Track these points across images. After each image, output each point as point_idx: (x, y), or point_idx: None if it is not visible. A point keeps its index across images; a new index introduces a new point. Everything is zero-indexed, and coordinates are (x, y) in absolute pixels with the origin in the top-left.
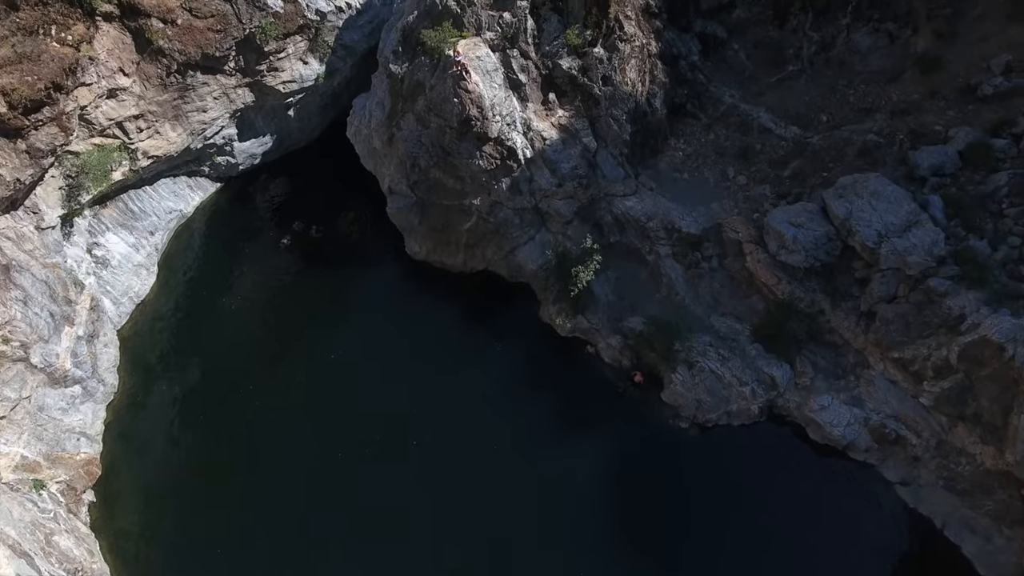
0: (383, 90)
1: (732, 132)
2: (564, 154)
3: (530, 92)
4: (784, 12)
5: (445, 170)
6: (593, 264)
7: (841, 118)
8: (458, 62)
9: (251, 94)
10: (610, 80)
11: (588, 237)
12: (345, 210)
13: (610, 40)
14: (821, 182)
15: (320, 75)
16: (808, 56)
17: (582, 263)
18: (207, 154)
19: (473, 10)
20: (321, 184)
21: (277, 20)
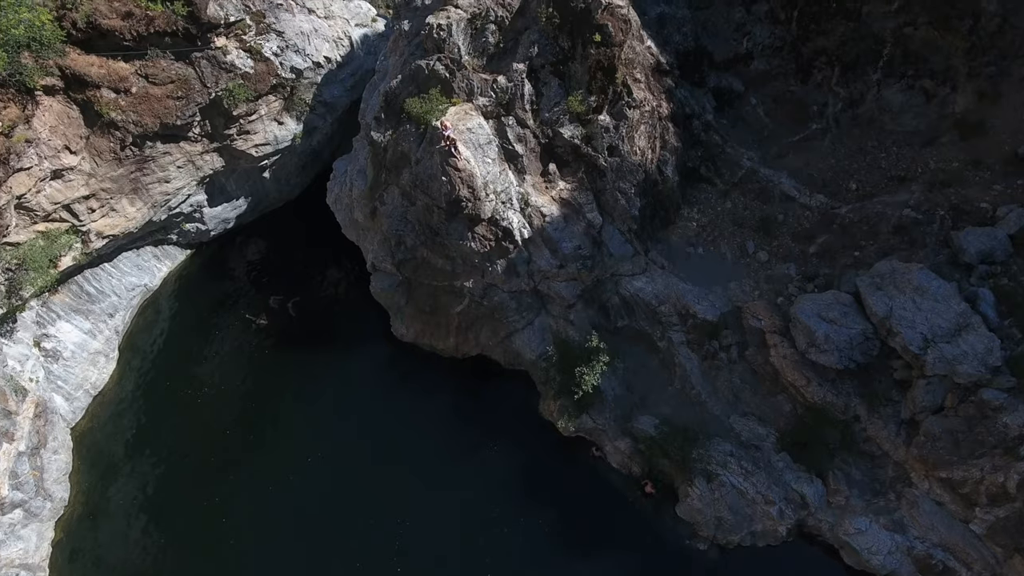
0: (365, 157)
1: (751, 200)
2: (566, 232)
3: (528, 163)
4: (807, 66)
5: (433, 249)
6: (599, 366)
7: (872, 186)
8: (446, 137)
9: (220, 159)
10: (617, 150)
11: (593, 335)
12: (326, 281)
13: (617, 107)
14: (852, 262)
15: (297, 135)
16: (834, 114)
17: (586, 363)
18: (174, 223)
19: (464, 74)
20: (301, 247)
21: (247, 81)
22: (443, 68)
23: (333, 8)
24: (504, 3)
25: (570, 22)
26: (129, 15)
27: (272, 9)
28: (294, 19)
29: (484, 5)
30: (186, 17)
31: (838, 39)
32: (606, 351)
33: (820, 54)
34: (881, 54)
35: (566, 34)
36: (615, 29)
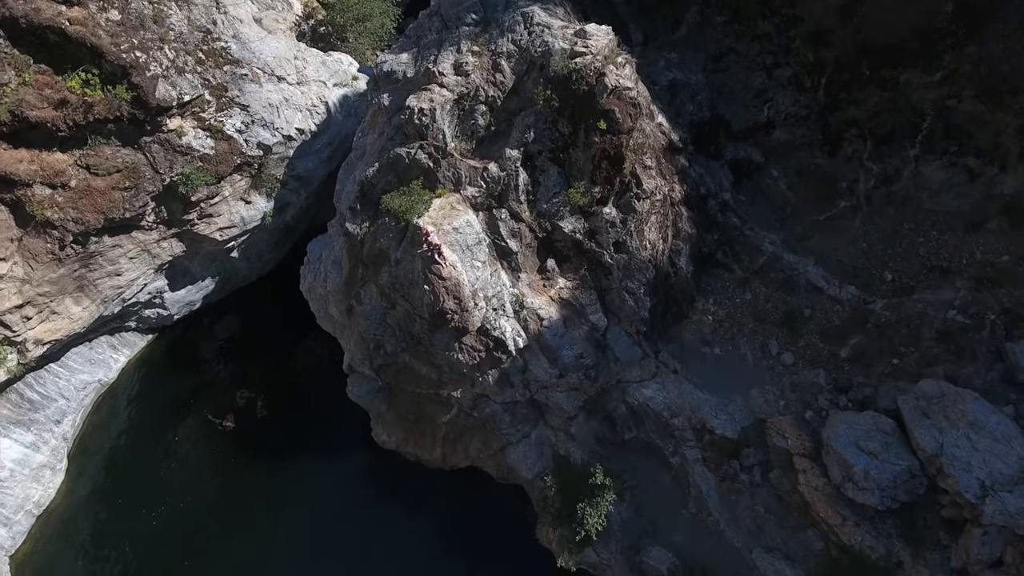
0: (340, 248)
1: (773, 290)
2: (566, 338)
3: (523, 260)
4: (836, 137)
5: (416, 356)
6: (604, 506)
7: (910, 277)
8: (429, 242)
9: (181, 244)
10: (624, 246)
11: (597, 469)
12: (300, 370)
13: (624, 199)
14: (891, 372)
15: (268, 213)
16: (865, 190)
17: (589, 499)
18: (130, 312)
19: (450, 161)
20: (275, 326)
21: (207, 163)
22: (426, 157)
23: (307, 72)
24: (496, 82)
25: (571, 105)
26: (63, 103)
27: (235, 81)
28: (261, 90)
29: (473, 84)
30: (131, 102)
31: (871, 110)
32: (612, 488)
33: (850, 125)
34: (920, 128)
35: (566, 118)
36: (623, 115)
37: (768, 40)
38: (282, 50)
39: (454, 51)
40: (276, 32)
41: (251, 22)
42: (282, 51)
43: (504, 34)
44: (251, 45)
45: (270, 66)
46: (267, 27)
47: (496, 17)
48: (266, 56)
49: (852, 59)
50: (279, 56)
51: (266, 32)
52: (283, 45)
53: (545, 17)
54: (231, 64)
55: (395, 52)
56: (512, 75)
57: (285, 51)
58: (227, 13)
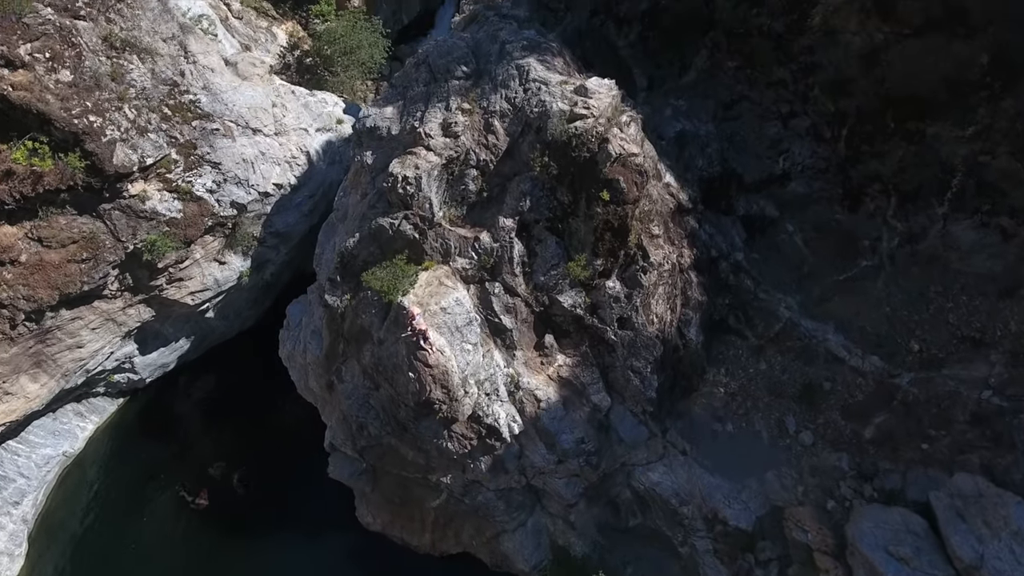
0: (320, 318)
1: (790, 360)
2: (566, 422)
3: (518, 337)
4: (857, 192)
5: (402, 440)
6: None
7: (939, 347)
8: (415, 327)
9: (149, 309)
10: (629, 322)
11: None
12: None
13: (629, 271)
14: (921, 458)
15: (244, 272)
16: (889, 249)
17: None
18: (97, 379)
19: (438, 232)
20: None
21: (174, 228)
22: (411, 228)
23: (286, 120)
24: (488, 144)
25: (571, 173)
26: (9, 174)
27: (206, 137)
28: (234, 145)
29: (463, 147)
30: (86, 170)
31: (896, 164)
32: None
33: (873, 180)
34: (949, 184)
35: (566, 186)
36: (628, 184)
37: (784, 88)
38: (258, 99)
39: (442, 108)
40: (252, 78)
41: (223, 70)
42: (258, 100)
43: (497, 90)
44: (223, 96)
45: (244, 118)
46: (242, 73)
47: (489, 69)
48: (240, 107)
49: (875, 110)
50: (255, 106)
51: (241, 79)
52: (259, 93)
53: (542, 71)
54: (201, 119)
55: (379, 105)
56: (506, 137)
57: (262, 99)
58: (196, 62)
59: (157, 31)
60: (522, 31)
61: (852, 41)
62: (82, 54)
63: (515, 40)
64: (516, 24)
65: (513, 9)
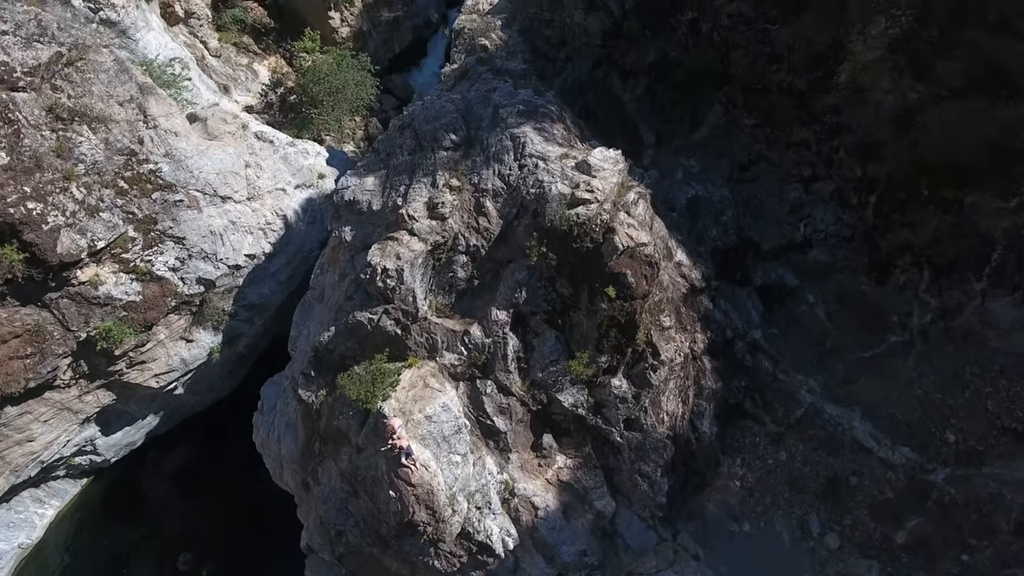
0: (294, 410)
1: (812, 449)
2: (566, 532)
3: (513, 438)
4: (886, 263)
5: (384, 552)
6: None
7: (977, 439)
8: (396, 444)
9: (109, 394)
10: (637, 423)
11: None
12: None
13: (637, 369)
14: (960, 571)
15: (215, 349)
16: (920, 325)
17: None
18: (55, 466)
19: (423, 326)
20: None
21: (132, 312)
22: (392, 324)
23: (260, 183)
24: (479, 228)
25: (571, 264)
26: None
27: (168, 210)
28: (200, 216)
29: (451, 231)
30: (26, 261)
31: (930, 235)
32: None
33: (904, 251)
34: (988, 258)
35: (566, 278)
36: (637, 278)
37: (806, 149)
38: (229, 161)
39: (428, 184)
40: (223, 136)
41: (188, 132)
42: (228, 163)
43: (490, 164)
44: (188, 162)
45: (212, 185)
46: (212, 130)
47: (481, 137)
48: (207, 173)
49: (908, 176)
50: (224, 170)
51: (210, 139)
52: (231, 154)
53: (539, 143)
54: (162, 190)
55: (360, 174)
56: (499, 219)
57: (232, 162)
58: (157, 127)
59: (112, 95)
60: (517, 92)
61: (883, 101)
62: (20, 131)
63: (510, 104)
64: (511, 82)
65: (508, 61)
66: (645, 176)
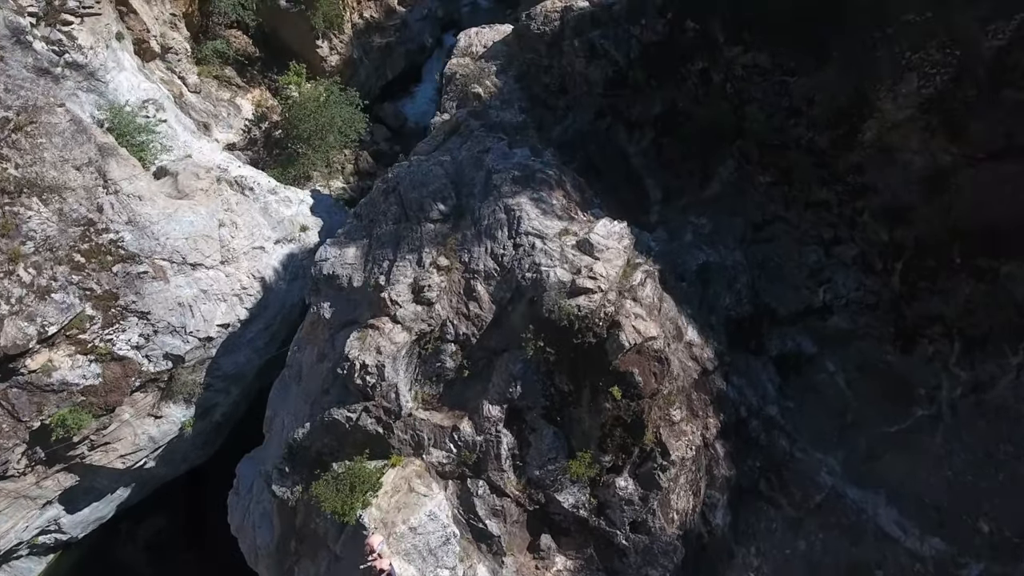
0: (269, 502)
1: (834, 537)
2: None
3: (508, 540)
4: (913, 333)
5: None
6: None
7: (1015, 529)
8: (376, 565)
9: (72, 476)
10: (644, 525)
11: None
12: None
13: (645, 468)
14: None
15: (187, 423)
16: (949, 399)
17: None
18: (15, 549)
19: (407, 422)
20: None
21: (92, 396)
22: (373, 422)
23: (236, 244)
24: (469, 314)
25: (571, 360)
26: None
27: (130, 283)
28: (167, 288)
29: (438, 318)
30: None
31: (961, 305)
32: None
33: (933, 321)
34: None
35: (566, 374)
36: (645, 375)
37: (827, 210)
38: (200, 223)
39: (414, 262)
40: (194, 194)
41: (154, 195)
42: (200, 225)
43: (482, 240)
44: (153, 229)
45: (180, 252)
46: (183, 187)
47: (471, 207)
48: (175, 239)
49: (939, 242)
50: (195, 234)
51: (180, 197)
52: (202, 215)
53: (536, 218)
54: (124, 261)
55: (340, 243)
56: (491, 304)
57: (204, 223)
58: (119, 191)
59: (68, 159)
60: (512, 153)
61: (912, 161)
62: None
63: (504, 169)
64: (506, 139)
65: (503, 111)
66: (652, 247)
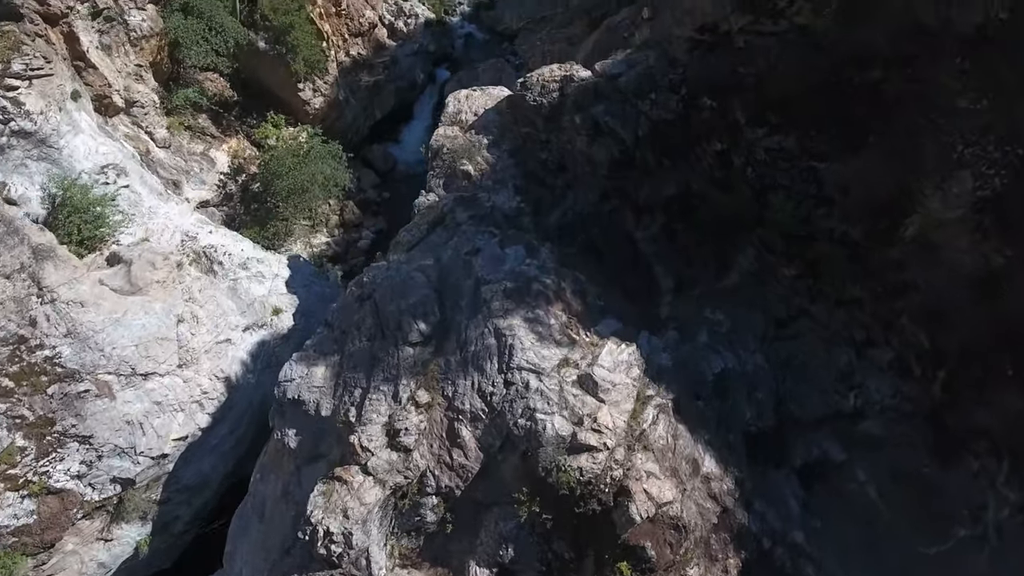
0: None
1: None
2: None
3: None
4: (955, 445)
5: None
6: None
7: None
8: None
9: None
10: None
11: None
12: None
13: None
14: None
15: (143, 541)
16: (996, 520)
17: None
18: None
19: None
20: None
21: (26, 536)
22: None
23: (196, 343)
24: (453, 464)
25: (573, 526)
26: None
27: (69, 405)
28: (113, 405)
29: (416, 468)
30: None
31: (1011, 420)
32: None
33: (979, 435)
34: None
35: (566, 541)
36: (659, 548)
37: (860, 308)
38: (154, 324)
39: (389, 395)
40: (148, 288)
41: (99, 299)
42: (153, 326)
43: (468, 370)
44: (98, 338)
45: (129, 362)
46: (136, 280)
47: (457, 325)
48: (123, 347)
49: (988, 349)
50: (147, 338)
51: (131, 294)
52: (157, 313)
53: (531, 348)
54: (61, 381)
55: (307, 360)
56: (478, 452)
57: (159, 322)
58: (56, 300)
59: None
60: (505, 254)
61: (960, 261)
62: None
63: (495, 280)
64: (497, 233)
65: (495, 193)
66: (664, 365)
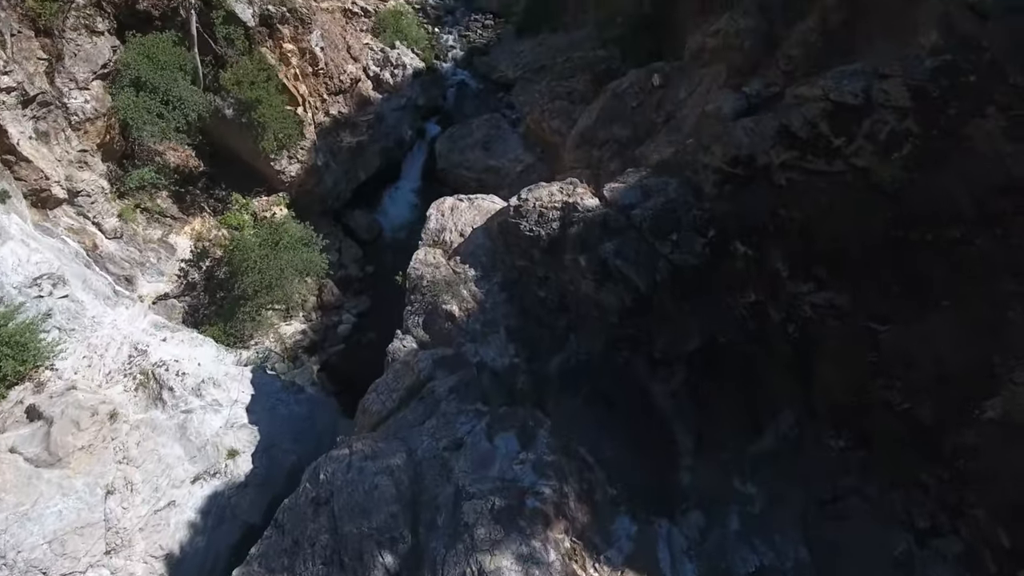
0: None
1: None
2: None
3: None
4: None
5: None
6: None
7: None
8: None
9: None
10: None
11: None
12: None
13: None
14: None
15: None
16: None
17: None
18: None
19: None
20: None
21: None
22: None
23: (128, 518)
24: None
25: None
26: None
27: None
28: None
29: None
30: None
31: None
32: None
33: None
34: None
35: None
36: None
37: (923, 492)
38: (72, 510)
39: None
40: (70, 457)
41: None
42: (72, 513)
43: None
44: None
45: (40, 566)
46: (56, 448)
47: (432, 558)
48: (32, 547)
49: None
50: (64, 530)
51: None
52: (78, 491)
53: None
54: None
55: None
56: None
57: (80, 505)
58: None
59: None
60: (494, 449)
61: None
62: None
63: (480, 492)
64: (486, 412)
65: (484, 344)
66: (688, 569)
